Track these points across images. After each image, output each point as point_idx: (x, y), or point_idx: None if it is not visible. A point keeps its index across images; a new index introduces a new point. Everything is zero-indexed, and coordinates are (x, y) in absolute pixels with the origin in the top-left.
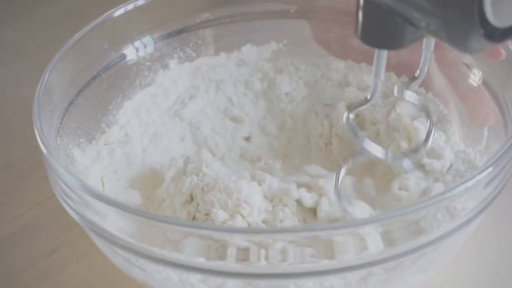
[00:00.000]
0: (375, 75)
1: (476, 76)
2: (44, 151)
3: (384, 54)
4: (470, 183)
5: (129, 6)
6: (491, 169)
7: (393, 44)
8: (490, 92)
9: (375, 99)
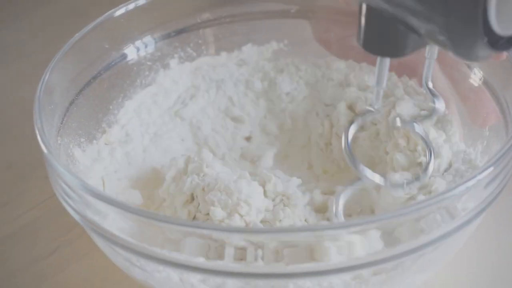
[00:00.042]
0: (377, 83)
1: (477, 76)
2: (45, 150)
3: (386, 62)
4: (471, 183)
5: (130, 6)
6: (491, 169)
7: (396, 52)
8: (491, 92)
9: (378, 107)
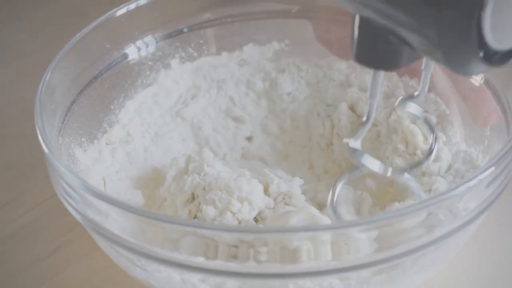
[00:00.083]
0: (371, 96)
1: (478, 76)
2: (46, 150)
3: (380, 75)
4: (472, 182)
5: (131, 6)
6: (493, 168)
7: (390, 65)
8: (492, 91)
9: (371, 121)
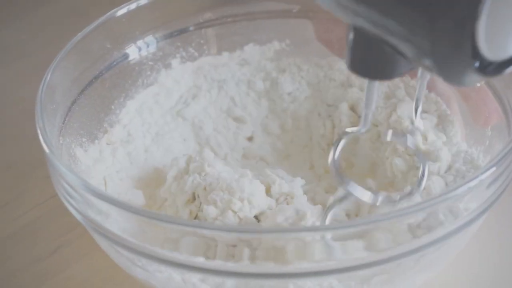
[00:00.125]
0: (366, 106)
1: None
2: (47, 150)
3: (375, 84)
4: (473, 183)
5: (131, 6)
6: (494, 169)
7: (384, 75)
8: (493, 91)
9: (366, 130)
